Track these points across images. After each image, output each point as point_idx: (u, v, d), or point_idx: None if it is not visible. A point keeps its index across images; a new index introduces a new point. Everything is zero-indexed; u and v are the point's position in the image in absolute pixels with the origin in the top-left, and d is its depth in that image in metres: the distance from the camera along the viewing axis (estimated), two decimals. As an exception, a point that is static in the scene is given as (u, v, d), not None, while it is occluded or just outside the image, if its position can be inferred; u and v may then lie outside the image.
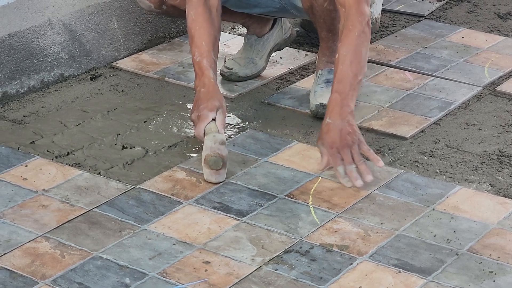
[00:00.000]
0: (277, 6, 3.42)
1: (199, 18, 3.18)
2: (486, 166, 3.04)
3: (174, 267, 2.44)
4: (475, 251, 2.54)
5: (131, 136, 3.22)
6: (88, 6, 3.61)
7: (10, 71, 3.40)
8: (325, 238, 2.60)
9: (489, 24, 4.17)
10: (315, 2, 3.20)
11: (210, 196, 2.83)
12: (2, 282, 2.38)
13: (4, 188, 2.84)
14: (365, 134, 3.27)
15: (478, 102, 3.49)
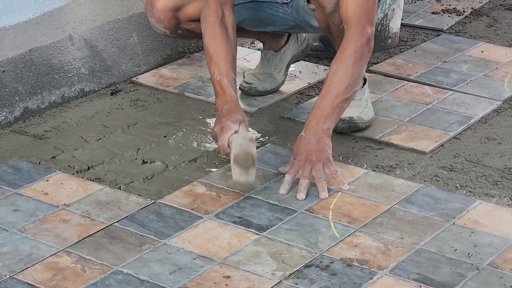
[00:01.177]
0: (291, 24, 3.44)
1: (217, 37, 3.19)
2: (507, 181, 3.03)
3: (195, 282, 2.43)
4: (496, 266, 2.54)
5: (151, 150, 3.23)
6: (108, 22, 3.64)
7: (31, 86, 3.42)
8: (345, 253, 2.59)
9: (508, 38, 4.16)
10: (332, 23, 3.21)
11: (230, 210, 2.83)
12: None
13: (25, 203, 2.84)
14: (384, 149, 3.29)
15: (498, 116, 3.48)
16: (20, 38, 3.35)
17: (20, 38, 3.36)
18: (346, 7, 3.09)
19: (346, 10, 3.10)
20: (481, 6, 4.56)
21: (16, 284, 2.44)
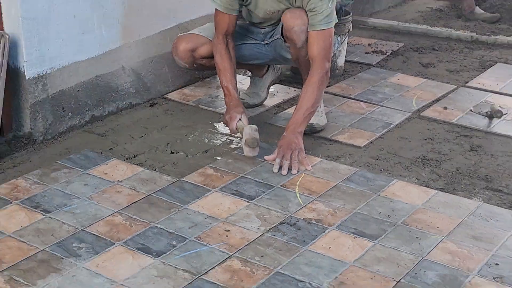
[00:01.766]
0: (271, 58, 3.47)
1: (224, 57, 3.23)
2: (414, 167, 3.08)
3: (205, 234, 2.54)
4: (406, 223, 2.61)
5: (176, 145, 3.26)
6: (148, 57, 3.66)
7: (97, 100, 3.44)
8: (306, 214, 2.69)
9: (416, 71, 4.18)
10: (300, 55, 3.22)
11: (230, 186, 2.90)
12: (90, 242, 2.44)
13: (92, 179, 2.91)
14: (333, 144, 3.34)
15: (409, 123, 3.52)
16: (89, 68, 3.37)
17: (90, 68, 3.37)
18: (313, 49, 3.12)
19: (312, 50, 3.13)
20: (397, 48, 4.57)
21: (86, 235, 2.47)
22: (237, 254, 2.39)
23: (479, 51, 4.61)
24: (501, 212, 2.68)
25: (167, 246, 2.43)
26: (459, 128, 3.45)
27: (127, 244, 2.44)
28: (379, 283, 2.25)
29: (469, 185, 2.91)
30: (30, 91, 3.14)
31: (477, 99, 3.78)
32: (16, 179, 2.88)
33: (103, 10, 3.36)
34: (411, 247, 2.44)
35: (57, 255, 2.37)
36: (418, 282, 2.25)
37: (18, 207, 2.68)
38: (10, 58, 3.08)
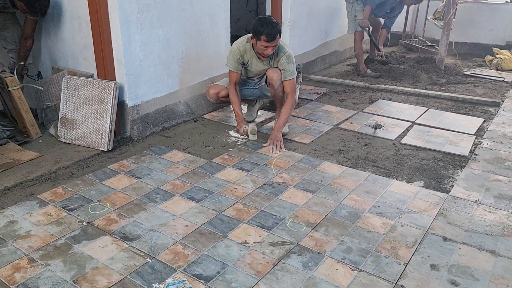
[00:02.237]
0: (258, 95, 3.46)
1: (234, 95, 3.24)
2: (335, 154, 3.07)
3: (223, 189, 2.62)
4: (330, 184, 2.62)
5: (208, 142, 3.25)
6: (194, 96, 3.63)
7: (165, 118, 3.44)
8: (277, 179, 2.72)
9: (335, 103, 4.17)
10: (276, 93, 3.25)
11: (237, 164, 2.93)
12: (162, 194, 2.41)
13: (163, 161, 2.96)
14: (292, 143, 3.29)
15: (332, 131, 3.46)
16: (162, 101, 3.39)
17: (162, 101, 3.39)
18: (287, 89, 3.17)
19: (287, 90, 3.18)
20: (326, 91, 4.55)
21: (159, 190, 2.52)
22: (240, 201, 2.41)
23: (369, 93, 4.61)
24: (380, 178, 2.72)
25: (203, 196, 2.46)
26: (358, 134, 3.44)
27: (181, 196, 2.46)
28: (316, 215, 2.28)
29: (364, 164, 2.92)
30: (130, 114, 3.15)
31: (368, 118, 3.78)
32: (122, 160, 2.90)
33: (169, 70, 3.37)
34: (333, 197, 2.48)
35: (144, 201, 2.39)
36: (336, 215, 2.29)
37: (123, 175, 2.69)
38: (119, 96, 3.09)
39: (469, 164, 2.91)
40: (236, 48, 3.15)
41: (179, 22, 3.33)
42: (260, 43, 2.93)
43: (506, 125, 3.64)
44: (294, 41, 4.86)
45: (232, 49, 3.17)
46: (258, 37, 2.91)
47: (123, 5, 2.85)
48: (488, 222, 2.24)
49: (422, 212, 2.32)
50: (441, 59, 5.21)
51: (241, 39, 3.18)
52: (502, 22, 6.32)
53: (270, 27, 2.86)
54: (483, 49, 6.38)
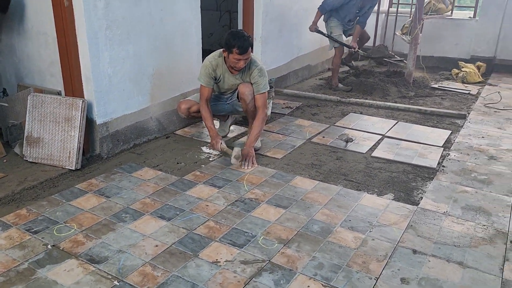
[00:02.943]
0: (230, 110, 3.48)
1: (207, 111, 3.19)
2: (308, 168, 3.08)
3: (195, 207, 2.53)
4: (302, 199, 2.62)
5: (180, 158, 3.21)
6: (166, 112, 3.58)
7: (136, 135, 3.39)
8: (249, 196, 2.69)
9: (308, 117, 4.21)
10: (248, 108, 3.25)
11: (208, 181, 2.90)
12: (131, 214, 2.35)
13: (133, 179, 2.90)
14: (264, 158, 3.27)
15: (304, 145, 3.49)
16: (132, 118, 3.33)
17: (132, 118, 3.33)
18: (258, 103, 3.17)
19: (258, 103, 3.18)
20: (298, 105, 4.59)
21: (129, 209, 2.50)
22: (212, 218, 2.38)
23: (341, 106, 4.67)
24: (352, 192, 2.74)
25: (174, 214, 2.41)
26: (330, 148, 3.47)
27: (152, 214, 2.41)
28: (288, 231, 2.27)
29: (335, 178, 2.94)
30: (99, 131, 3.09)
31: (339, 132, 3.82)
32: (91, 179, 2.83)
33: (139, 86, 3.33)
34: (305, 212, 2.48)
35: (113, 221, 2.33)
36: (308, 231, 2.29)
37: (92, 194, 2.62)
38: (88, 113, 3.03)
39: (437, 176, 2.97)
40: (208, 63, 3.15)
41: (150, 38, 3.31)
42: (232, 56, 2.95)
43: (472, 136, 3.75)
44: (267, 56, 4.90)
45: (205, 64, 3.16)
46: (230, 50, 2.93)
47: (90, 22, 2.81)
48: (456, 234, 2.28)
49: (392, 225, 2.35)
50: (409, 72, 5.34)
51: (213, 54, 3.19)
52: (466, 37, 6.55)
53: (242, 40, 2.89)
54: (450, 62, 6.59)
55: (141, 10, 3.17)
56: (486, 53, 6.44)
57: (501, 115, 4.39)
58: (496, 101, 4.87)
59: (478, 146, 3.52)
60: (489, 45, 6.41)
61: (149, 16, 3.25)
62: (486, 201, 2.63)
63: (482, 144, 3.56)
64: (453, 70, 6.09)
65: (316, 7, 5.72)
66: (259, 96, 3.15)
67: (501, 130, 3.94)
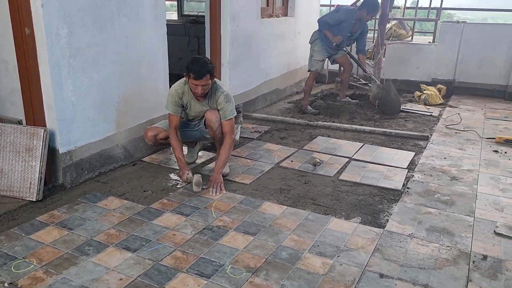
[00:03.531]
0: (198, 137, 3.48)
1: (175, 140, 3.17)
2: (276, 193, 3.09)
3: (161, 237, 2.43)
4: (271, 225, 2.60)
5: (147, 186, 3.16)
6: (132, 139, 3.54)
7: (101, 164, 3.31)
8: (217, 223, 2.65)
9: (277, 141, 4.23)
10: (215, 135, 3.25)
11: (176, 209, 2.86)
12: (95, 246, 2.27)
13: (98, 209, 2.81)
14: (233, 184, 3.25)
15: (273, 170, 3.47)
16: (97, 146, 3.26)
17: (97, 146, 3.26)
18: (225, 128, 3.18)
19: (225, 129, 3.18)
20: (267, 129, 4.62)
21: (93, 241, 2.38)
22: (179, 248, 2.34)
23: (309, 129, 4.74)
24: (320, 216, 2.75)
25: (140, 245, 2.35)
26: (299, 172, 3.49)
27: (116, 246, 2.34)
28: (256, 259, 2.25)
29: (304, 202, 2.94)
30: (62, 160, 3.01)
31: (308, 156, 3.86)
32: (53, 211, 2.74)
33: (105, 113, 3.28)
34: (273, 238, 2.46)
35: (75, 255, 2.25)
36: (277, 258, 2.27)
37: (53, 227, 2.53)
38: (50, 142, 2.95)
39: (402, 197, 3.03)
40: (174, 91, 3.15)
41: (115, 65, 3.28)
42: (190, 81, 2.97)
43: (435, 157, 3.87)
44: (235, 81, 4.94)
45: (171, 92, 3.16)
46: (188, 74, 2.96)
47: (53, 50, 2.77)
48: (421, 256, 2.32)
49: (359, 249, 2.37)
50: (374, 95, 5.50)
51: (179, 82, 3.19)
52: (427, 61, 6.83)
53: (200, 65, 2.90)
54: (412, 85, 6.83)
55: (106, 37, 3.16)
56: (446, 76, 6.73)
57: (461, 136, 4.56)
58: (456, 123, 5.07)
59: (441, 167, 3.63)
60: (448, 68, 6.70)
61: (114, 43, 3.23)
62: (449, 221, 2.69)
63: (444, 165, 3.67)
64: (416, 92, 6.32)
65: (282, 32, 5.87)
66: (226, 122, 3.15)
67: (461, 150, 4.08)
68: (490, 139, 4.42)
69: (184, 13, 7.75)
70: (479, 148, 4.15)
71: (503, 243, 2.44)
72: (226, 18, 4.64)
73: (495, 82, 6.54)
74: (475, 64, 6.58)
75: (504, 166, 3.67)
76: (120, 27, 3.25)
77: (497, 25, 6.73)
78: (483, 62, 6.53)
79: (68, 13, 2.82)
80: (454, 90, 6.73)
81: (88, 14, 2.97)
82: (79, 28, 2.92)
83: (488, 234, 2.55)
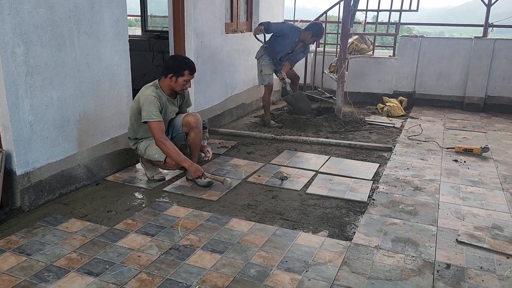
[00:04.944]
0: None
1: (170, 146, 3.20)
2: (244, 210, 3.10)
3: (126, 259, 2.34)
4: (239, 242, 2.58)
5: (110, 206, 3.07)
6: (94, 157, 3.46)
7: (62, 184, 3.20)
8: (184, 242, 2.61)
9: (244, 156, 4.22)
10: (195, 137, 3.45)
11: (141, 229, 2.77)
12: (55, 272, 2.19)
13: (58, 232, 2.71)
14: (199, 200, 3.18)
15: (240, 185, 3.46)
16: (57, 166, 3.16)
17: (58, 166, 3.15)
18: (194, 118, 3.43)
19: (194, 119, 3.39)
20: (234, 144, 4.62)
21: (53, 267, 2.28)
22: (144, 270, 2.27)
23: (276, 144, 4.77)
24: (288, 231, 2.74)
25: (103, 269, 2.27)
26: (266, 186, 3.48)
27: (78, 271, 2.25)
28: (224, 278, 2.21)
29: (271, 218, 2.93)
30: (19, 182, 2.89)
31: (275, 170, 3.87)
32: (10, 236, 2.61)
33: (65, 133, 3.19)
34: (241, 256, 2.43)
35: (34, 282, 2.15)
36: (245, 276, 2.24)
37: (10, 253, 2.41)
38: (7, 164, 2.83)
39: (368, 209, 3.08)
40: (153, 98, 3.18)
41: (75, 83, 3.21)
42: (183, 78, 3.16)
43: (398, 168, 3.97)
44: (200, 97, 4.93)
45: (151, 101, 3.16)
46: (181, 73, 3.13)
47: (8, 68, 2.68)
48: (388, 267, 2.35)
49: (327, 263, 2.37)
50: (338, 108, 5.61)
51: (150, 89, 3.24)
52: (388, 74, 7.06)
53: (188, 60, 3.18)
54: (375, 97, 7.03)
55: (65, 55, 3.08)
56: (406, 88, 6.97)
57: (422, 147, 4.71)
58: (418, 133, 5.24)
59: (404, 178, 3.72)
60: (408, 81, 6.94)
61: (74, 61, 3.16)
62: (414, 232, 2.75)
63: (408, 176, 3.77)
64: (379, 104, 6.50)
65: (247, 48, 5.92)
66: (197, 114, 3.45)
67: (423, 161, 4.21)
68: (450, 149, 4.59)
69: (148, 29, 7.70)
70: (439, 158, 4.29)
71: (465, 251, 2.51)
72: (190, 34, 4.64)
73: (452, 94, 6.83)
74: (434, 76, 6.85)
75: (464, 175, 3.81)
76: (80, 45, 3.19)
77: (453, 39, 7.05)
78: (441, 74, 6.82)
79: (24, 30, 2.74)
80: (415, 101, 6.98)
81: (46, 31, 2.90)
82: (36, 46, 2.84)
83: (450, 242, 2.62)
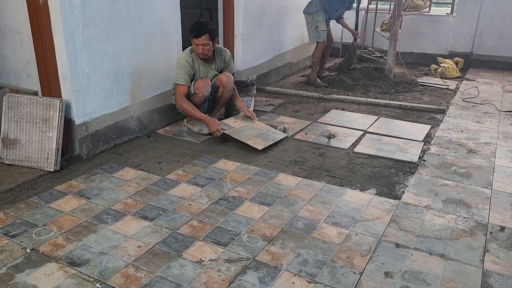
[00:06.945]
0: None
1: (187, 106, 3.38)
2: (291, 165, 3.08)
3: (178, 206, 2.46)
4: (286, 196, 2.62)
5: (162, 158, 3.17)
6: (146, 111, 3.59)
7: (117, 135, 3.34)
8: (233, 193, 2.68)
9: (290, 114, 4.20)
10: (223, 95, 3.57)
11: (191, 180, 2.87)
12: (113, 215, 2.29)
13: (114, 179, 2.85)
14: (248, 154, 3.21)
15: (287, 142, 3.50)
16: (112, 117, 3.29)
17: (112, 117, 3.28)
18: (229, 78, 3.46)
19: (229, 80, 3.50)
20: (280, 102, 4.60)
21: (110, 210, 2.42)
22: (195, 217, 2.35)
23: (323, 103, 4.70)
24: (335, 188, 2.75)
25: (157, 214, 2.38)
26: (313, 144, 3.48)
27: (134, 215, 2.37)
28: (272, 229, 2.26)
29: (318, 174, 2.94)
30: (78, 131, 3.03)
31: (322, 128, 3.84)
32: (70, 180, 2.77)
33: (119, 85, 3.28)
34: (288, 209, 2.47)
35: (94, 223, 2.29)
36: (292, 227, 2.28)
37: (71, 196, 2.57)
38: (66, 113, 2.97)
39: (418, 170, 3.00)
40: (185, 62, 3.24)
41: (129, 36, 3.25)
42: (193, 42, 3.25)
43: (452, 131, 3.81)
44: (248, 54, 4.88)
45: (182, 64, 3.21)
46: (191, 37, 3.25)
47: (67, 20, 2.75)
48: (438, 227, 2.31)
49: (375, 220, 2.36)
50: (389, 68, 5.40)
51: (185, 53, 3.32)
52: (444, 33, 6.66)
53: (199, 26, 3.20)
54: (428, 58, 6.69)
55: (119, 7, 3.12)
56: (463, 48, 6.56)
57: (478, 109, 4.47)
58: (474, 96, 4.97)
59: (458, 140, 3.58)
60: (466, 40, 6.52)
61: (127, 13, 3.19)
62: (466, 193, 2.67)
63: (461, 138, 3.62)
64: (432, 65, 6.18)
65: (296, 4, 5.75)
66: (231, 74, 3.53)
67: (479, 124, 4.01)
68: (508, 112, 4.33)
69: (195, -15, 7.60)
70: (497, 121, 4.08)
71: (521, 215, 2.41)
72: (239, -11, 4.55)
73: (514, 55, 6.36)
74: (494, 36, 6.40)
75: (523, 139, 3.61)
76: (133, -3, 3.22)
77: (519, -5, 6.50)
78: (503, 34, 6.34)
79: (81, -18, 2.80)
80: (471, 63, 6.58)
81: (101, -17, 2.94)
82: (92, -3, 2.90)
83: (506, 206, 2.52)
